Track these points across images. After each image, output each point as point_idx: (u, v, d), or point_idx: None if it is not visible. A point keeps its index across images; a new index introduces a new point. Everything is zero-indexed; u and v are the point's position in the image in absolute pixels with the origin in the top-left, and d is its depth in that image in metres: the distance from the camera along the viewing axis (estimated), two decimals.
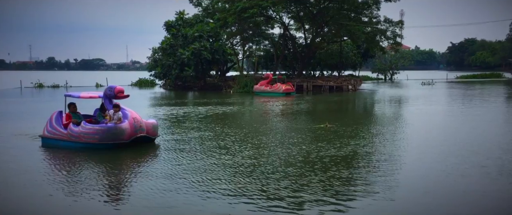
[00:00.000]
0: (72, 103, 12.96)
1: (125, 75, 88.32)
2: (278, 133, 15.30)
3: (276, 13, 46.84)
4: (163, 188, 8.30)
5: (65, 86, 52.23)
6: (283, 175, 9.24)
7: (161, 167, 9.89)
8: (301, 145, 12.61)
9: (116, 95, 12.14)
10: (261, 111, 24.90)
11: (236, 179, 8.96)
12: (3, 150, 12.10)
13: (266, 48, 54.18)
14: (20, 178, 9.15)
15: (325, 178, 8.97)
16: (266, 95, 36.71)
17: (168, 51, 47.36)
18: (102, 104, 12.85)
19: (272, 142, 13.22)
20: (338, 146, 12.51)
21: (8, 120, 19.07)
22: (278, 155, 11.28)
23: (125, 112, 12.09)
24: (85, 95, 12.92)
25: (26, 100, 33.90)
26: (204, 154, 11.38)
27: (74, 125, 12.18)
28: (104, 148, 11.61)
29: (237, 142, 13.29)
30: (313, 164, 10.27)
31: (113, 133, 11.57)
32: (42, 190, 8.33)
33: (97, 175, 9.29)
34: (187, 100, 32.71)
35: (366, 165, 10.23)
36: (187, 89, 46.56)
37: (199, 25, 46.90)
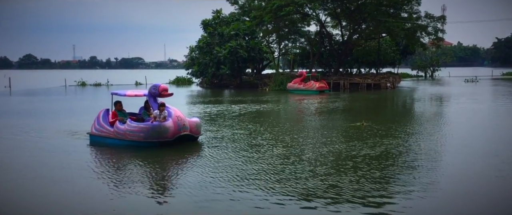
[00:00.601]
0: (118, 102, 13.12)
1: (163, 74, 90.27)
2: (312, 131, 15.15)
3: (313, 11, 46.36)
4: (205, 184, 8.37)
5: (107, 85, 53.98)
6: (313, 174, 9.12)
7: (203, 164, 9.96)
8: (335, 144, 12.41)
9: (160, 93, 12.20)
10: (296, 109, 24.76)
11: (270, 177, 8.92)
12: (52, 147, 12.45)
13: (302, 46, 53.79)
14: (69, 173, 9.45)
15: (356, 178, 8.78)
16: (300, 93, 36.46)
17: (205, 49, 47.93)
18: (146, 102, 12.98)
19: (306, 141, 13.09)
20: (372, 144, 12.22)
21: (56, 118, 19.73)
22: (312, 153, 11.15)
23: (169, 110, 12.16)
24: (131, 93, 13.15)
25: (70, 98, 35.28)
26: (236, 152, 11.42)
27: (120, 122, 12.35)
28: (149, 146, 11.74)
29: (270, 140, 13.25)
30: (346, 163, 10.08)
31: (157, 131, 11.67)
32: (90, 185, 8.58)
33: (142, 172, 9.49)
34: (223, 98, 33.00)
35: (400, 164, 9.93)
36: (223, 87, 46.97)
37: (235, 23, 47.16)
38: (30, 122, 18.09)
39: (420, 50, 61.80)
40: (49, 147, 12.45)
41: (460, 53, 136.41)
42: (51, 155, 11.39)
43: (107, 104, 13.36)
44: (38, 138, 13.98)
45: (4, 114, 21.54)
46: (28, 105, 26.60)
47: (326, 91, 37.13)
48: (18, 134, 14.88)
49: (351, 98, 31.96)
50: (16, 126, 16.78)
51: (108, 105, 13.45)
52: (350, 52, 48.94)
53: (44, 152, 11.81)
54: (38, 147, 12.48)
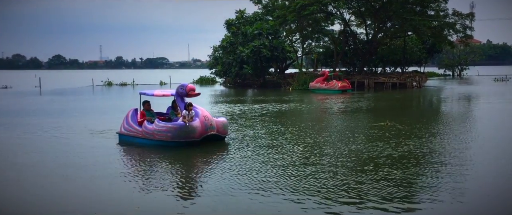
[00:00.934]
0: (146, 101, 13.19)
1: (187, 73, 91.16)
2: (334, 131, 15.01)
3: (337, 10, 45.96)
4: (228, 184, 8.38)
5: (132, 84, 54.92)
6: (336, 174, 9.03)
7: (227, 165, 9.98)
8: (357, 144, 12.25)
9: (187, 93, 12.19)
10: (318, 108, 24.59)
11: (290, 178, 8.89)
12: (82, 146, 12.66)
13: (325, 45, 53.39)
14: (98, 171, 9.63)
15: (376, 179, 8.64)
16: (322, 92, 36.20)
17: (228, 49, 48.16)
18: (174, 102, 13.03)
19: (328, 141, 12.98)
20: (395, 145, 12.01)
21: (85, 117, 20.10)
22: (332, 154, 11.06)
23: (196, 110, 12.16)
24: (159, 93, 13.13)
25: (98, 97, 36.04)
26: (258, 152, 11.41)
27: (148, 122, 12.40)
28: (176, 146, 11.76)
29: (291, 140, 13.20)
30: (367, 163, 9.93)
31: (185, 131, 11.68)
32: (116, 182, 8.73)
33: (168, 171, 9.57)
34: (245, 97, 33.08)
35: (425, 166, 9.72)
36: (247, 87, 47.10)
37: (259, 23, 47.21)
38: (60, 121, 18.52)
39: (448, 49, 60.40)
40: (78, 146, 12.67)
41: (490, 51, 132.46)
42: (80, 153, 11.59)
43: (132, 104, 13.57)
44: (68, 137, 14.26)
45: (35, 113, 22.18)
46: (58, 105, 27.31)
47: (348, 91, 36.73)
48: (49, 132, 15.25)
49: (375, 97, 31.52)
50: (46, 124, 17.24)
51: (133, 105, 13.65)
52: (374, 51, 48.27)
53: (74, 150, 12.03)
54: (68, 146, 12.74)
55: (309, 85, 39.42)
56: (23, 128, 16.47)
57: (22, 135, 14.92)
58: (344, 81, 37.65)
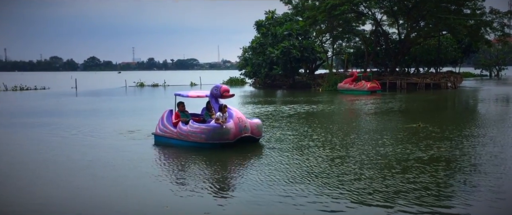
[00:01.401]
0: (181, 103, 13.21)
1: (216, 74, 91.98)
2: (363, 132, 14.73)
3: (368, 9, 45.24)
4: (257, 186, 8.31)
5: (163, 85, 55.89)
6: (363, 177, 8.87)
7: (258, 166, 9.91)
8: (387, 146, 11.98)
9: (222, 94, 12.12)
10: (348, 109, 24.25)
11: (322, 180, 8.80)
12: (119, 146, 12.82)
13: (356, 45, 52.66)
14: (131, 171, 9.79)
15: (405, 182, 8.42)
16: (350, 93, 35.72)
17: (258, 50, 48.25)
18: (209, 103, 12.91)
19: (356, 142, 12.77)
20: (426, 147, 11.67)
21: (120, 117, 20.47)
22: (359, 156, 10.87)
23: (230, 112, 12.10)
24: (193, 94, 13.13)
25: (131, 98, 36.83)
26: (286, 154, 11.36)
27: (183, 123, 12.39)
28: (211, 147, 11.70)
29: (322, 142, 13.06)
30: (395, 166, 9.69)
31: (219, 133, 11.61)
32: (150, 182, 8.84)
33: (202, 172, 9.57)
34: (275, 98, 33.03)
35: (456, 169, 9.39)
36: (276, 87, 47.04)
37: (289, 23, 47.06)
38: (95, 121, 18.99)
39: (484, 48, 58.43)
40: (116, 146, 12.86)
41: None
42: (116, 153, 11.78)
43: (164, 104, 13.71)
44: (104, 137, 14.53)
45: (73, 113, 22.88)
46: (93, 105, 28.08)
47: (378, 92, 36.08)
48: (88, 132, 15.56)
49: (407, 98, 30.81)
50: (82, 125, 17.73)
51: (164, 105, 13.80)
52: (407, 51, 47.21)
53: (109, 150, 12.23)
54: (106, 146, 12.94)
55: (338, 86, 39.04)
56: (60, 127, 16.99)
57: (60, 134, 15.37)
58: (373, 82, 37.01)
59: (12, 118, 20.65)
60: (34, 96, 37.62)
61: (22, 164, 10.75)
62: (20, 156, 11.69)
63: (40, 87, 50.88)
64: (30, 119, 20.17)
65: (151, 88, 51.64)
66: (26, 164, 10.68)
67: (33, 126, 17.56)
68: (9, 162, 10.91)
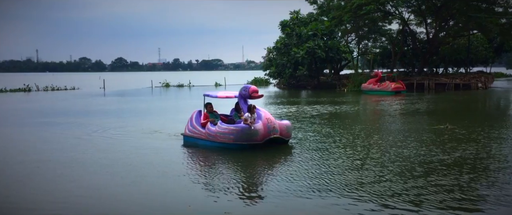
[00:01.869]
0: (210, 103, 13.11)
1: (241, 75, 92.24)
2: (387, 134, 14.42)
3: (395, 8, 44.46)
4: (294, 189, 8.16)
5: (189, 86, 56.46)
6: (379, 179, 8.67)
7: (293, 168, 9.71)
8: (411, 148, 11.71)
9: (250, 95, 12.00)
10: (374, 110, 23.84)
11: (352, 183, 8.67)
12: (148, 146, 12.78)
13: (383, 45, 51.86)
14: (160, 170, 9.80)
15: (430, 185, 8.17)
16: (374, 94, 35.21)
17: (282, 50, 48.13)
18: (237, 104, 12.82)
19: (381, 144, 12.52)
20: (453, 150, 11.33)
21: (148, 117, 20.59)
22: (380, 158, 10.65)
23: (259, 113, 11.95)
24: (222, 95, 13.01)
25: (158, 98, 37.32)
26: (317, 155, 11.23)
27: (211, 124, 12.31)
28: (239, 148, 11.58)
29: (347, 143, 12.89)
30: (420, 168, 9.44)
31: (247, 134, 11.48)
32: (179, 182, 8.85)
33: (228, 173, 9.52)
34: (299, 99, 32.84)
35: (483, 172, 9.06)
36: (301, 88, 46.80)
37: (314, 23, 46.76)
38: (124, 121, 19.21)
39: None
40: (143, 146, 12.86)
41: None
42: (145, 153, 11.77)
43: (189, 104, 13.71)
44: (134, 137, 14.58)
45: (101, 113, 23.33)
46: (121, 105, 28.59)
47: (402, 92, 35.40)
48: (118, 133, 15.65)
49: (435, 99, 30.08)
50: (110, 124, 18.00)
51: (190, 105, 13.79)
52: (435, 51, 46.18)
53: (139, 150, 12.26)
54: (136, 146, 12.94)
55: (361, 87, 38.60)
56: (89, 127, 17.33)
57: (88, 133, 15.66)
58: (398, 83, 36.35)
59: (42, 117, 21.22)
60: (64, 96, 38.63)
61: (47, 162, 10.97)
62: (46, 154, 11.93)
63: (70, 88, 52.20)
64: (59, 118, 20.69)
65: (177, 89, 52.23)
66: (51, 163, 10.87)
67: (62, 125, 17.98)
68: (36, 160, 11.16)
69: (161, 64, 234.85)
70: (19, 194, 8.27)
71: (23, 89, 48.30)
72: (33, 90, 48.57)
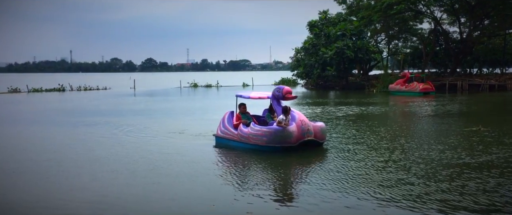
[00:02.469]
0: (242, 104, 12.84)
1: (268, 75, 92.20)
2: (414, 136, 14.04)
3: (427, 8, 43.43)
4: (326, 194, 7.88)
5: (216, 86, 56.88)
6: (405, 182, 8.43)
7: (326, 172, 9.40)
8: (440, 151, 11.34)
9: (284, 96, 11.75)
10: (403, 112, 23.29)
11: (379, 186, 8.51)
12: (180, 147, 12.68)
13: (413, 45, 50.77)
14: (193, 171, 9.74)
15: (449, 189, 7.90)
16: (402, 95, 34.53)
17: (311, 51, 47.83)
18: (271, 105, 12.56)
19: (411, 147, 12.20)
20: (484, 153, 10.90)
21: (179, 118, 20.61)
22: (404, 160, 10.37)
23: (293, 114, 11.66)
24: (255, 96, 12.79)
25: (187, 98, 37.75)
26: (350, 157, 11.06)
27: (244, 125, 12.10)
28: (272, 151, 11.27)
29: (383, 143, 12.64)
30: (446, 171, 9.12)
31: (281, 136, 11.17)
32: (213, 183, 8.83)
33: (262, 175, 9.32)
34: (327, 100, 32.52)
35: (509, 178, 8.70)
36: (329, 88, 46.37)
37: (342, 23, 46.26)
38: (155, 120, 19.39)
39: None
40: (173, 145, 12.79)
41: None
42: (173, 152, 11.75)
43: (217, 105, 13.62)
44: (168, 138, 14.48)
45: (132, 112, 23.69)
46: (153, 105, 29.00)
47: (431, 93, 34.50)
48: (150, 133, 15.63)
49: (468, 100, 29.17)
50: (141, 124, 18.22)
51: (218, 106, 13.72)
52: (469, 51, 44.83)
53: (168, 149, 12.21)
54: (169, 146, 12.86)
55: (389, 87, 37.92)
56: (119, 126, 17.64)
57: (117, 132, 15.94)
58: (426, 83, 35.45)
59: (74, 117, 21.80)
60: (96, 96, 39.64)
61: (73, 161, 11.24)
62: (72, 153, 12.20)
63: (101, 88, 53.51)
64: (90, 118, 21.18)
65: (205, 89, 52.72)
66: (80, 161, 11.12)
67: (93, 124, 18.37)
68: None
69: (189, 65, 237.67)
70: (42, 193, 8.35)
71: (57, 89, 49.86)
72: (67, 90, 50.07)
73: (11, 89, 46.53)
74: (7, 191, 8.54)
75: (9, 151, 12.62)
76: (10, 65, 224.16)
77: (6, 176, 9.73)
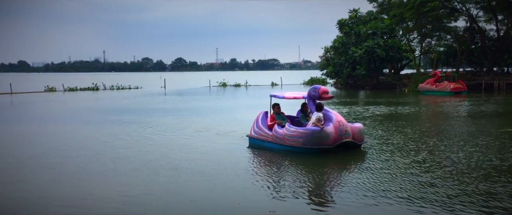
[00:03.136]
0: (277, 104, 12.51)
1: (297, 75, 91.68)
2: (446, 138, 13.59)
3: (462, 5, 42.09)
4: (364, 201, 7.50)
5: (245, 85, 57.04)
6: (452, 186, 8.15)
7: (364, 176, 9.00)
8: (475, 152, 10.95)
9: (320, 96, 11.50)
10: (435, 112, 22.62)
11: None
12: (214, 147, 12.43)
13: (447, 44, 49.31)
14: (226, 171, 9.69)
15: (475, 193, 7.58)
16: (432, 94, 33.66)
17: (340, 50, 47.27)
18: (304, 105, 12.30)
19: (444, 150, 11.83)
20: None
21: (211, 117, 20.49)
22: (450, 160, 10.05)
23: (330, 115, 11.30)
24: (290, 96, 12.53)
25: (216, 97, 38.02)
26: (391, 160, 10.84)
27: (278, 126, 11.83)
28: (308, 152, 10.95)
29: (402, 146, 12.33)
30: (483, 173, 8.76)
31: (317, 137, 10.82)
32: (245, 183, 8.77)
33: (300, 177, 9.08)
34: (356, 99, 32.02)
35: None
36: (359, 88, 45.69)
37: (373, 22, 45.48)
38: (185, 120, 19.51)
39: None
40: (211, 147, 12.61)
41: None
42: (212, 154, 11.56)
43: (246, 104, 13.45)
44: (201, 137, 14.40)
45: (163, 111, 24.02)
46: (182, 104, 29.22)
47: (463, 93, 33.39)
48: (182, 133, 15.57)
49: (505, 100, 28.06)
50: (174, 124, 18.28)
51: (247, 105, 13.56)
52: (507, 49, 43.15)
53: (207, 150, 12.05)
54: (202, 146, 12.79)
55: (418, 87, 37.02)
56: (149, 125, 17.89)
57: (150, 132, 16.13)
58: (457, 83, 34.34)
59: (106, 115, 22.28)
60: (127, 95, 40.48)
61: (100, 158, 11.47)
62: (99, 150, 12.40)
63: (133, 87, 54.60)
64: (124, 116, 21.62)
65: (233, 88, 52.95)
66: (111, 159, 11.33)
67: (124, 123, 18.66)
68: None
69: (218, 64, 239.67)
70: (67, 192, 8.40)
71: (91, 88, 51.24)
72: (101, 89, 51.38)
73: (48, 88, 48.15)
74: (34, 187, 8.74)
75: (43, 148, 12.95)
76: (47, 65, 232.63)
77: (37, 171, 9.98)
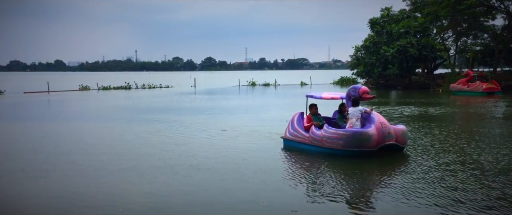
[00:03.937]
0: (314, 105, 12.12)
1: (327, 74, 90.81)
2: (474, 140, 13.05)
3: (500, 2, 40.48)
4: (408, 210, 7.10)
5: (274, 85, 56.92)
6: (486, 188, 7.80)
7: (410, 181, 8.57)
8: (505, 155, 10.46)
9: (361, 96, 11.12)
10: (470, 113, 21.80)
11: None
12: (248, 148, 12.29)
13: (484, 42, 47.56)
14: (260, 171, 9.59)
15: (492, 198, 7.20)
16: (463, 94, 32.61)
17: (371, 49, 46.45)
18: (341, 106, 11.97)
19: (461, 150, 11.36)
20: None
21: (241, 117, 20.33)
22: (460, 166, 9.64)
23: (372, 116, 10.90)
24: (327, 96, 12.11)
25: (247, 97, 38.00)
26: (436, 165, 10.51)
27: (316, 128, 11.47)
28: (348, 155, 10.55)
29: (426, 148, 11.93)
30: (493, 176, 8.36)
31: (359, 139, 10.38)
32: (282, 185, 8.63)
33: (340, 181, 8.76)
34: (386, 99, 31.32)
35: None
36: (390, 88, 44.76)
37: (406, 21, 44.42)
38: (216, 119, 19.55)
39: None
40: (245, 147, 12.39)
41: None
42: (245, 155, 11.40)
43: (275, 103, 13.25)
44: (235, 137, 14.26)
45: (193, 111, 24.11)
46: (213, 103, 29.36)
47: (496, 93, 32.10)
48: (216, 132, 15.46)
49: None
50: (204, 123, 18.36)
51: (276, 104, 13.33)
52: None
53: (240, 151, 11.86)
54: (234, 147, 12.57)
55: (450, 87, 35.90)
56: (186, 124, 17.92)
57: (182, 131, 16.16)
58: (491, 83, 33.04)
59: (137, 114, 22.63)
60: (158, 94, 41.13)
61: (125, 156, 11.63)
62: (126, 148, 12.53)
63: (164, 86, 55.50)
64: (154, 115, 21.91)
65: (262, 88, 52.92)
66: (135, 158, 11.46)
67: (154, 121, 18.83)
68: (113, 152, 11.72)
69: (247, 64, 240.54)
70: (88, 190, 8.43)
71: (124, 87, 52.40)
72: (133, 88, 52.46)
73: (82, 87, 49.54)
74: (57, 183, 8.90)
75: (72, 144, 13.26)
76: (82, 64, 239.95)
77: (63, 168, 10.16)
